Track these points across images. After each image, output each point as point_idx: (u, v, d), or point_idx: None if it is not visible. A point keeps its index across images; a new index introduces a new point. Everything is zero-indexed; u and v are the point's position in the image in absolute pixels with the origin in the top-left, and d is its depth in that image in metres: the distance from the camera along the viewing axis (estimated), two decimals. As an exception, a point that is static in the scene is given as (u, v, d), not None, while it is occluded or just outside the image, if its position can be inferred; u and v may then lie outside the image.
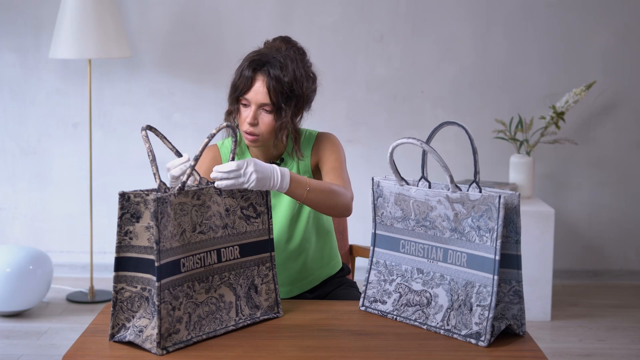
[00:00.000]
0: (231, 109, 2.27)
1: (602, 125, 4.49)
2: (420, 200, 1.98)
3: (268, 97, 2.21)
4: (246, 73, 2.22)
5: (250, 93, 2.23)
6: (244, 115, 2.24)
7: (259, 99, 2.22)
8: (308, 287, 2.44)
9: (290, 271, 2.40)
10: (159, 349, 1.80)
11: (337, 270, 2.50)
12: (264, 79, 2.21)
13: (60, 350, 3.52)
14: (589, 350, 3.64)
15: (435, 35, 4.41)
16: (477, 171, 1.96)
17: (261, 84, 2.22)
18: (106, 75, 4.41)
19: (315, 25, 4.36)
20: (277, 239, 2.35)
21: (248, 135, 2.25)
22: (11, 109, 4.43)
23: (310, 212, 2.37)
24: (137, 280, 1.83)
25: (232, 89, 2.26)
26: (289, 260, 2.39)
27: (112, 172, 4.46)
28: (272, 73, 2.21)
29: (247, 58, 2.26)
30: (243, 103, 2.24)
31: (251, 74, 2.22)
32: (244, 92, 2.23)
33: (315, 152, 2.37)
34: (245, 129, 2.24)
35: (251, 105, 2.23)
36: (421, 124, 4.45)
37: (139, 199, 1.81)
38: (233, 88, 2.25)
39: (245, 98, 2.23)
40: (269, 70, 2.21)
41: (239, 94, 2.23)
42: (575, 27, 4.41)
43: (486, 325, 1.85)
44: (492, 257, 1.86)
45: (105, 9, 3.97)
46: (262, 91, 2.22)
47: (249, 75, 2.21)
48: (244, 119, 2.23)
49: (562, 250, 4.52)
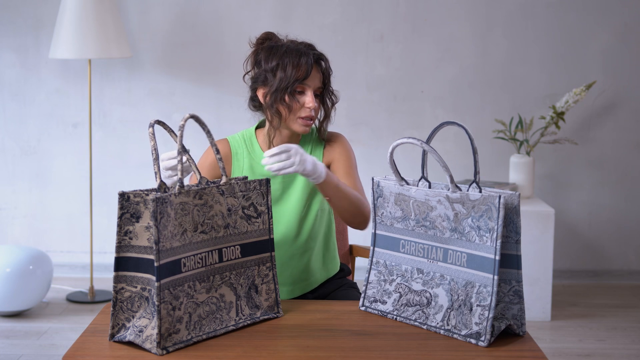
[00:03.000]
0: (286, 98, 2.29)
1: (602, 125, 4.49)
2: (420, 200, 1.98)
3: (322, 81, 2.33)
4: (307, 61, 2.29)
5: (310, 79, 2.30)
6: (302, 100, 2.30)
7: (316, 83, 2.31)
8: (309, 288, 2.44)
9: (294, 270, 2.40)
10: (159, 349, 1.80)
11: (336, 271, 2.50)
12: (318, 66, 2.33)
13: (60, 350, 3.52)
14: (589, 350, 3.64)
15: (435, 35, 4.41)
16: (477, 171, 1.96)
17: (317, 70, 2.32)
18: (106, 75, 4.41)
19: (315, 25, 4.36)
20: (286, 235, 2.37)
21: (306, 120, 2.31)
22: (11, 109, 4.43)
23: (318, 210, 2.39)
24: (137, 280, 1.83)
25: (286, 80, 2.28)
26: (294, 258, 2.40)
27: (112, 172, 4.46)
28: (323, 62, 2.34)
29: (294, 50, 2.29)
30: (299, 91, 2.30)
31: (311, 62, 2.30)
32: (305, 78, 2.29)
33: (329, 153, 2.42)
34: (306, 114, 2.31)
35: (309, 90, 2.30)
36: (421, 124, 4.45)
37: (138, 198, 1.81)
38: (288, 79, 2.28)
39: (304, 84, 2.30)
40: (320, 58, 2.34)
41: (300, 82, 2.29)
42: (575, 27, 4.41)
43: (486, 325, 1.85)
44: (492, 257, 1.86)
45: (105, 9, 3.97)
46: (318, 76, 2.32)
47: (309, 63, 2.29)
48: (303, 104, 2.30)
49: (562, 250, 4.52)
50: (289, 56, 2.28)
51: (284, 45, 2.31)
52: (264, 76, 2.31)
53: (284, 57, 2.28)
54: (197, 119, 1.93)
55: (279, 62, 2.28)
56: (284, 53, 2.29)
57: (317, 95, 2.33)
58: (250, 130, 2.42)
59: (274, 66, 2.29)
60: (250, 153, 2.39)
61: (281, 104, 2.29)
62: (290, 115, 2.30)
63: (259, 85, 2.34)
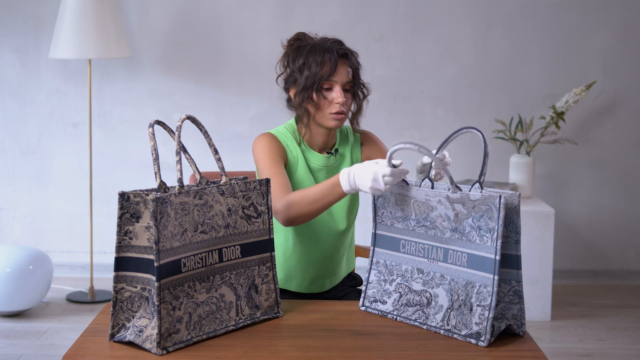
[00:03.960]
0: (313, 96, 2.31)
1: (602, 125, 4.49)
2: (421, 200, 1.98)
3: (351, 75, 2.33)
4: (330, 57, 2.30)
5: (336, 75, 2.30)
6: (330, 97, 2.31)
7: (344, 78, 2.31)
8: (334, 283, 2.48)
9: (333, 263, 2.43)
10: (159, 349, 1.80)
11: (353, 267, 2.56)
12: (344, 60, 2.33)
13: (60, 350, 3.52)
14: (589, 350, 3.64)
15: (435, 35, 4.41)
16: (484, 173, 1.97)
17: (344, 65, 2.32)
18: (106, 75, 4.41)
19: (315, 25, 4.35)
20: (336, 229, 2.39)
21: (338, 115, 2.31)
22: (11, 109, 4.43)
23: (357, 204, 2.46)
24: (137, 280, 1.83)
25: (312, 78, 2.29)
26: (338, 251, 2.43)
27: (112, 172, 4.46)
28: (350, 56, 2.34)
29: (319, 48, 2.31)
30: (326, 87, 2.31)
31: (336, 57, 2.30)
32: (330, 75, 2.30)
33: (368, 150, 2.47)
34: (336, 110, 2.31)
35: (336, 86, 2.31)
36: (421, 124, 4.45)
37: (138, 198, 1.81)
38: (314, 76, 2.29)
39: (330, 80, 2.30)
40: (347, 53, 2.34)
41: (326, 78, 2.29)
42: (575, 27, 4.41)
43: (486, 325, 1.85)
44: (493, 257, 1.86)
45: (105, 9, 3.97)
46: (345, 70, 2.32)
47: (333, 59, 2.30)
48: (332, 100, 2.30)
49: (562, 250, 4.52)
50: (313, 54, 2.30)
51: (310, 44, 2.33)
52: (293, 76, 2.33)
53: (309, 56, 2.30)
54: (194, 120, 1.93)
55: (305, 61, 2.30)
56: (309, 51, 2.31)
57: (347, 90, 2.34)
58: (292, 124, 2.42)
59: (301, 65, 2.31)
60: (299, 145, 2.39)
61: (309, 102, 2.31)
62: (318, 112, 2.32)
63: (290, 86, 2.36)
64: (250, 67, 4.38)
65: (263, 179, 2.03)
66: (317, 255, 2.39)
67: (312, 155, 2.38)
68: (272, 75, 2.52)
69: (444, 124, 4.45)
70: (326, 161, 2.39)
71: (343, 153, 2.44)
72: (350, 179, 2.05)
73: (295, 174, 2.36)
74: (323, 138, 2.39)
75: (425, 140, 4.44)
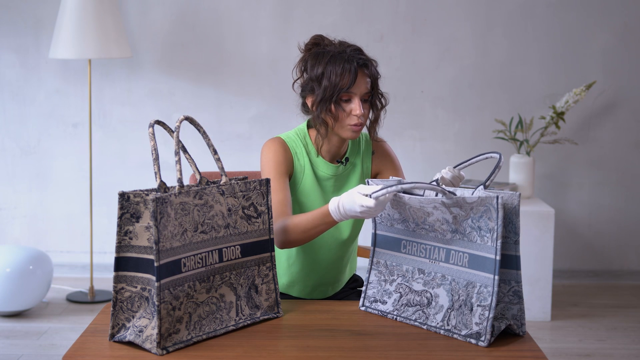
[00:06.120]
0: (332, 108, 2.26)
1: (602, 125, 4.49)
2: (415, 207, 1.98)
3: (370, 85, 2.28)
4: (350, 68, 2.24)
5: (355, 86, 2.26)
6: (348, 108, 2.26)
7: (362, 89, 2.27)
8: (336, 289, 2.47)
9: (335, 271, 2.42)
10: (159, 349, 1.80)
11: (354, 271, 2.55)
12: (364, 70, 2.27)
13: (60, 350, 3.52)
14: (589, 350, 3.64)
15: (435, 35, 4.41)
16: (492, 179, 1.99)
17: (363, 76, 2.27)
18: (106, 75, 4.41)
19: (315, 25, 4.36)
20: (340, 235, 2.37)
21: (355, 127, 2.27)
22: (11, 109, 4.43)
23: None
24: (137, 280, 1.83)
25: (331, 89, 2.24)
26: (341, 259, 2.42)
27: (112, 172, 4.46)
28: (370, 65, 2.29)
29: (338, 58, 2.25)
30: (345, 99, 2.26)
31: (355, 68, 2.25)
32: (350, 87, 2.25)
33: (379, 162, 2.44)
34: (354, 122, 2.26)
35: (355, 97, 2.26)
36: (421, 124, 4.45)
37: (138, 199, 1.81)
38: (333, 88, 2.24)
39: (349, 92, 2.25)
40: (367, 63, 2.28)
41: (345, 90, 2.24)
42: (575, 27, 4.41)
43: (486, 325, 1.85)
44: (493, 257, 1.86)
45: (105, 9, 3.97)
46: (364, 81, 2.27)
47: (353, 70, 2.24)
48: (351, 112, 2.26)
49: (562, 250, 4.52)
50: (332, 64, 2.24)
51: (329, 52, 2.26)
52: (311, 85, 2.28)
53: (328, 66, 2.24)
54: (192, 121, 1.93)
55: (324, 71, 2.24)
56: (328, 61, 2.24)
57: (366, 100, 2.29)
58: (303, 130, 2.38)
59: (319, 75, 2.25)
60: (308, 154, 2.35)
61: (327, 114, 2.26)
62: (337, 123, 2.27)
63: (307, 94, 2.31)
64: (250, 67, 4.38)
65: (263, 179, 2.03)
66: (320, 263, 2.38)
67: (321, 163, 2.35)
68: (272, 76, 2.52)
69: (444, 124, 4.45)
70: (335, 170, 2.36)
71: (354, 162, 2.40)
72: (341, 209, 2.03)
73: (302, 183, 2.33)
74: (337, 147, 2.35)
75: (425, 140, 4.44)
